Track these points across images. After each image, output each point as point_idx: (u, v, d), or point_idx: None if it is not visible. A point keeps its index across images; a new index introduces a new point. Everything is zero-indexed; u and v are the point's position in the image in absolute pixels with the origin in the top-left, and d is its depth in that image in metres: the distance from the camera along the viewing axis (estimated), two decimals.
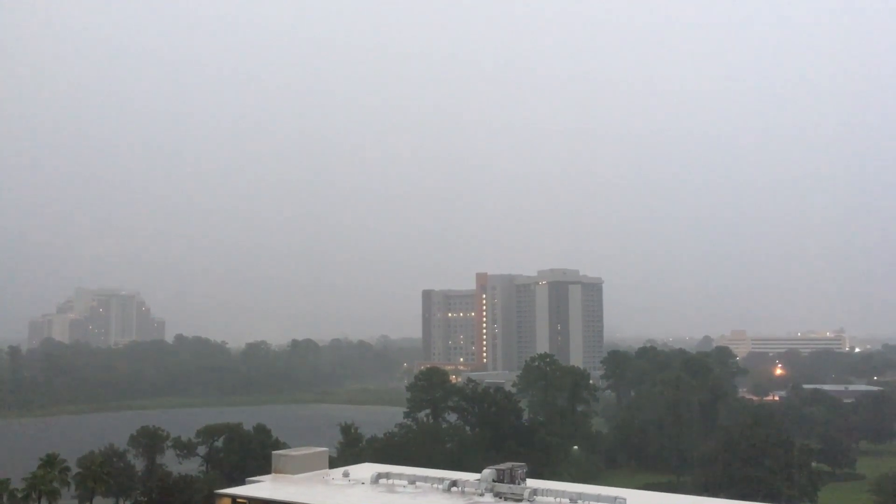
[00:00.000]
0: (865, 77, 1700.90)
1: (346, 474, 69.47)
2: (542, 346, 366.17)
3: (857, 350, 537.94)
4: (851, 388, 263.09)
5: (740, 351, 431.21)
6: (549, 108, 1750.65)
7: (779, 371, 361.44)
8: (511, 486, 60.47)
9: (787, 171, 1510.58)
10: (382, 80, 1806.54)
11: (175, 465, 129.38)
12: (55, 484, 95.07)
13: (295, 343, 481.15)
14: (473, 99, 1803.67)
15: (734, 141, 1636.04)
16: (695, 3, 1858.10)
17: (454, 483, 63.02)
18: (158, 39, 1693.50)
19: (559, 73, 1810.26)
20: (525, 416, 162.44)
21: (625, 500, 55.91)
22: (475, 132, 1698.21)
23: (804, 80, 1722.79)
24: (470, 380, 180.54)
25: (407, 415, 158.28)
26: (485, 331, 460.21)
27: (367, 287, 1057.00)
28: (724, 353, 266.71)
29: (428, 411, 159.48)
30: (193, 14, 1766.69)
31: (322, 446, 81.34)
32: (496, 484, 60.66)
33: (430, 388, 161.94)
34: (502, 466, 63.50)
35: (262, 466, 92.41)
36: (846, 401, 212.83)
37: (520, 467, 63.79)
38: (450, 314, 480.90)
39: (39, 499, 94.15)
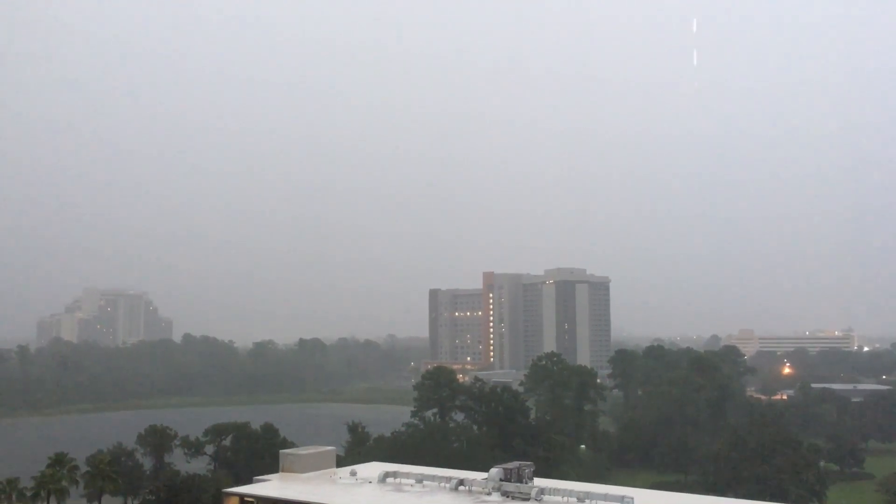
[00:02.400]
0: (870, 74, 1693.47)
1: (353, 473, 69.57)
2: (549, 345, 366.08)
3: (865, 349, 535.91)
4: (860, 387, 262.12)
5: (748, 350, 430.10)
6: (555, 108, 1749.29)
7: (787, 370, 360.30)
8: (518, 485, 60.48)
9: (795, 168, 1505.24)
10: (388, 80, 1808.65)
11: (183, 464, 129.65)
12: (64, 483, 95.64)
13: (302, 342, 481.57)
14: (479, 98, 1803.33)
15: (742, 139, 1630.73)
16: (695, 4, 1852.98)
17: (461, 482, 63.04)
18: (165, 41, 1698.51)
19: (565, 73, 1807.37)
20: (532, 415, 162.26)
21: (632, 499, 55.86)
22: (482, 131, 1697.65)
23: (810, 77, 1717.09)
24: (477, 379, 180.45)
25: (414, 414, 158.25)
26: (492, 330, 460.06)
27: (374, 286, 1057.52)
28: (731, 352, 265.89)
29: (435, 410, 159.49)
30: (197, 16, 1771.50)
31: (329, 445, 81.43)
32: (503, 483, 60.67)
33: (437, 387, 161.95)
34: (509, 465, 63.51)
35: (270, 465, 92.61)
36: (854, 400, 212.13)
37: (527, 466, 63.78)
38: (457, 313, 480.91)
39: (48, 497, 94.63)
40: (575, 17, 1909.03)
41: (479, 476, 64.74)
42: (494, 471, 62.31)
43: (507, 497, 59.26)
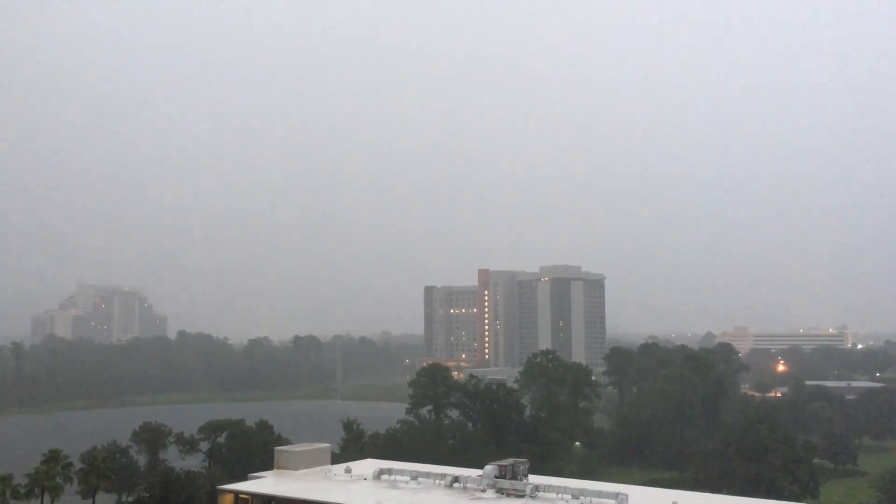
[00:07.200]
0: (867, 75, 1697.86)
1: (348, 470, 69.54)
2: (544, 343, 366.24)
3: (859, 346, 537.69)
4: (853, 384, 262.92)
5: (742, 347, 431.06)
6: (551, 105, 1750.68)
7: (781, 367, 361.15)
8: (513, 481, 60.51)
9: (789, 167, 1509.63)
10: (384, 78, 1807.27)
11: (178, 460, 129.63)
12: (58, 479, 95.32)
13: (297, 339, 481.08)
14: (475, 95, 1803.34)
15: (736, 138, 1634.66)
16: (696, 4, 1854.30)
17: (456, 479, 63.07)
18: (163, 40, 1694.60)
19: (561, 71, 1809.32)
20: (527, 412, 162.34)
21: (626, 496, 55.94)
22: (477, 129, 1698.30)
23: (806, 79, 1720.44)
24: (472, 376, 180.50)
25: (409, 411, 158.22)
26: (487, 327, 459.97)
27: (370, 283, 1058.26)
28: (726, 350, 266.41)
29: (430, 407, 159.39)
30: (198, 15, 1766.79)
31: (324, 442, 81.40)
32: (498, 480, 60.69)
33: (433, 384, 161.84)
34: (504, 462, 63.53)
35: (265, 462, 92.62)
36: (848, 397, 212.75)
37: (522, 463, 63.81)
38: (452, 310, 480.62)
39: (42, 494, 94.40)
40: (577, 17, 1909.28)
41: (473, 473, 64.74)
42: (489, 468, 62.33)
43: (502, 494, 59.29)
